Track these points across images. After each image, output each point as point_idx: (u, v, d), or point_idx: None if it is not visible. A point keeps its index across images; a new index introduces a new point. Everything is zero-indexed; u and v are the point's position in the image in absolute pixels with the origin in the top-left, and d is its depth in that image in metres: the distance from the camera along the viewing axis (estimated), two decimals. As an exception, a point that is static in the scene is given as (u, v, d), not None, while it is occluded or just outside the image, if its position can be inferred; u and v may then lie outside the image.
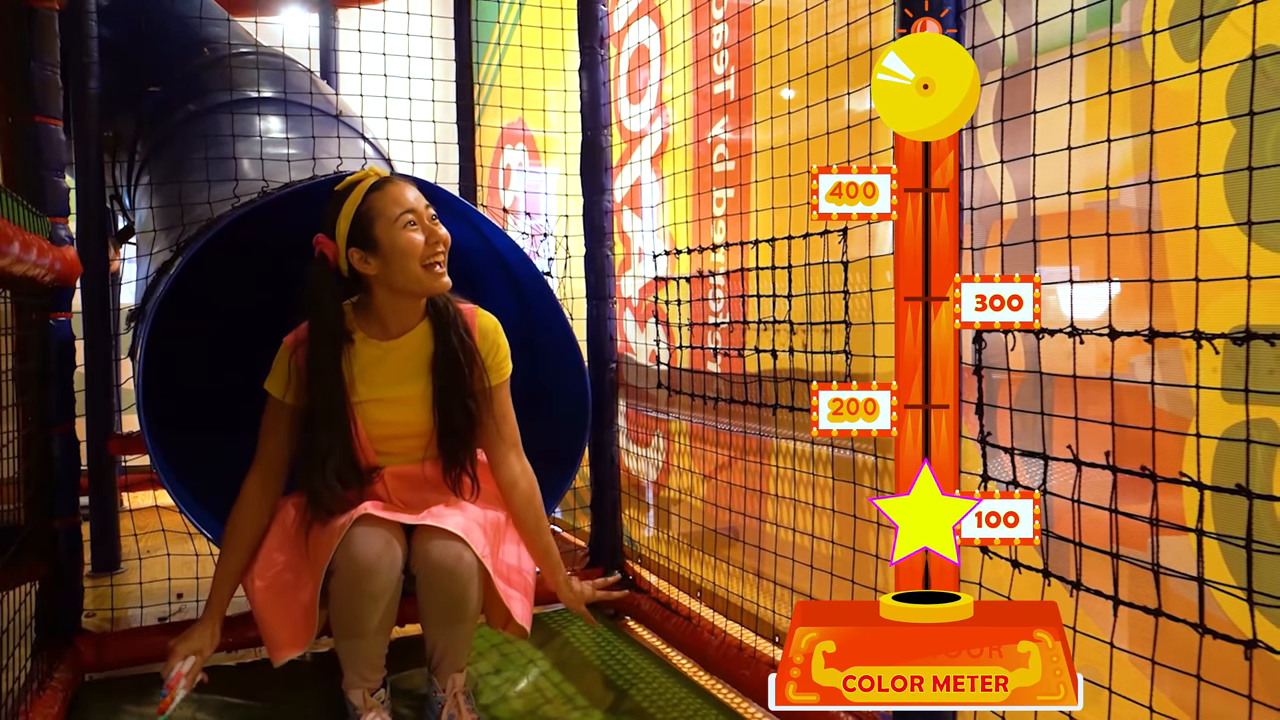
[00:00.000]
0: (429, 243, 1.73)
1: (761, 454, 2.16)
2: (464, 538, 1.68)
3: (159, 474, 1.94)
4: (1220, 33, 1.21)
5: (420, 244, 1.73)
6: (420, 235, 1.73)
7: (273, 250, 2.46)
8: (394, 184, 1.77)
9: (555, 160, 3.29)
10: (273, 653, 1.70)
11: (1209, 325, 1.11)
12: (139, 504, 2.84)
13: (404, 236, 1.72)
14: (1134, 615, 1.21)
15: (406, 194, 1.75)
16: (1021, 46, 1.49)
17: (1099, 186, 1.23)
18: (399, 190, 1.75)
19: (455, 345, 1.81)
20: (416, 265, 1.73)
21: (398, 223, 1.72)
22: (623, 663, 2.11)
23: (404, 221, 1.72)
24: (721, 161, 2.40)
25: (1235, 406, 1.19)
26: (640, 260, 2.81)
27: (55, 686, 1.83)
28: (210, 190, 2.24)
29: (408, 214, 1.73)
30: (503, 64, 3.44)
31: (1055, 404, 1.38)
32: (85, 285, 2.56)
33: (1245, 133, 1.11)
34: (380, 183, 1.76)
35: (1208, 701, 1.11)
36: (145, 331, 2.00)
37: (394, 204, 1.73)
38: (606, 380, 2.54)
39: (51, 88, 2.01)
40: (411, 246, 1.72)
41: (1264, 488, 1.17)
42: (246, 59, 2.80)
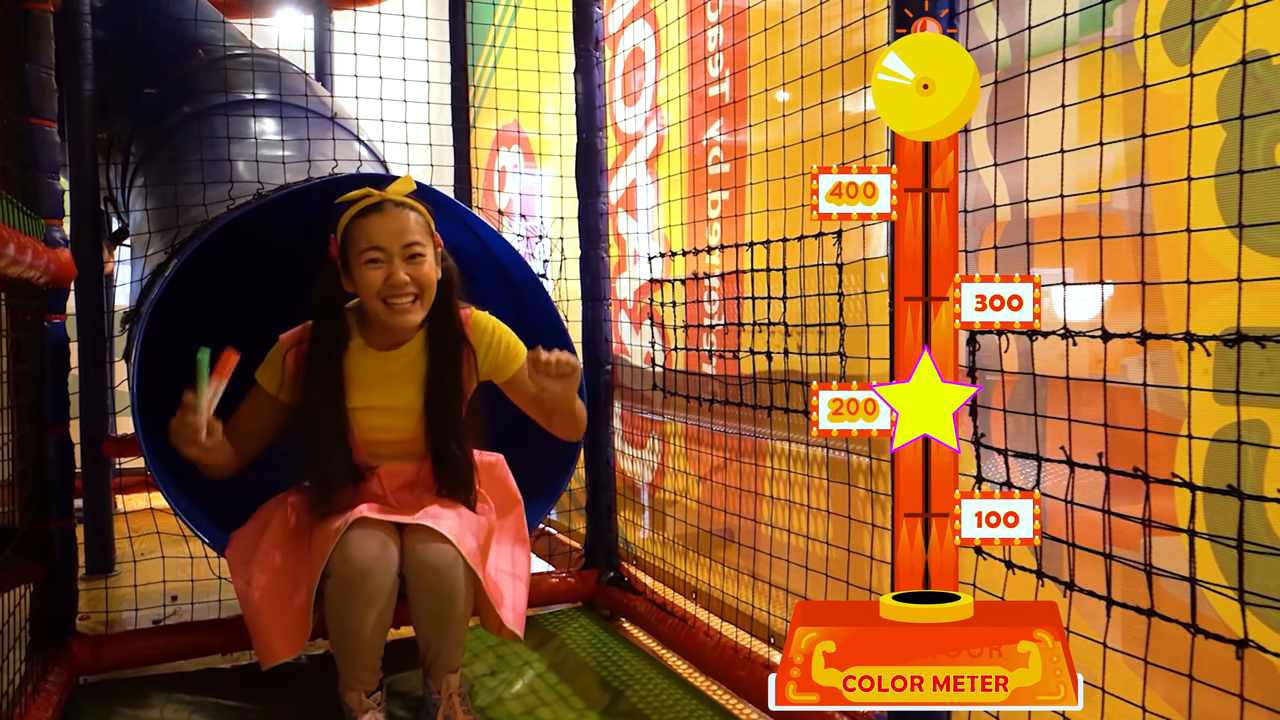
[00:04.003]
0: (387, 283, 1.72)
1: (756, 456, 2.16)
2: (452, 539, 1.68)
3: (154, 476, 1.94)
4: (1211, 37, 1.22)
5: (377, 282, 1.72)
6: (380, 274, 1.72)
7: (268, 252, 2.46)
8: (378, 214, 1.74)
9: (550, 162, 3.30)
10: (264, 657, 1.70)
11: (1200, 327, 1.12)
12: (133, 506, 2.83)
13: (363, 272, 1.73)
14: (1127, 615, 1.22)
15: (385, 227, 1.72)
16: (1015, 50, 1.50)
17: (1092, 189, 1.24)
18: (377, 223, 1.73)
19: (450, 357, 1.82)
20: (374, 300, 1.74)
21: (361, 257, 1.73)
22: (618, 664, 2.11)
23: (366, 258, 1.72)
24: (717, 164, 2.41)
25: (1226, 408, 1.20)
26: (635, 262, 2.81)
27: (49, 689, 1.82)
28: (205, 192, 2.23)
29: (373, 250, 1.72)
30: (498, 66, 3.44)
31: (1048, 405, 1.39)
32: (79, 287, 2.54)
33: (1236, 136, 1.12)
34: (367, 210, 1.75)
35: (1200, 701, 1.12)
36: (140, 333, 2.00)
37: (364, 238, 1.73)
38: (602, 382, 2.54)
39: (46, 89, 2.00)
40: (368, 284, 1.73)
41: (1255, 489, 1.18)
42: (241, 61, 2.79)
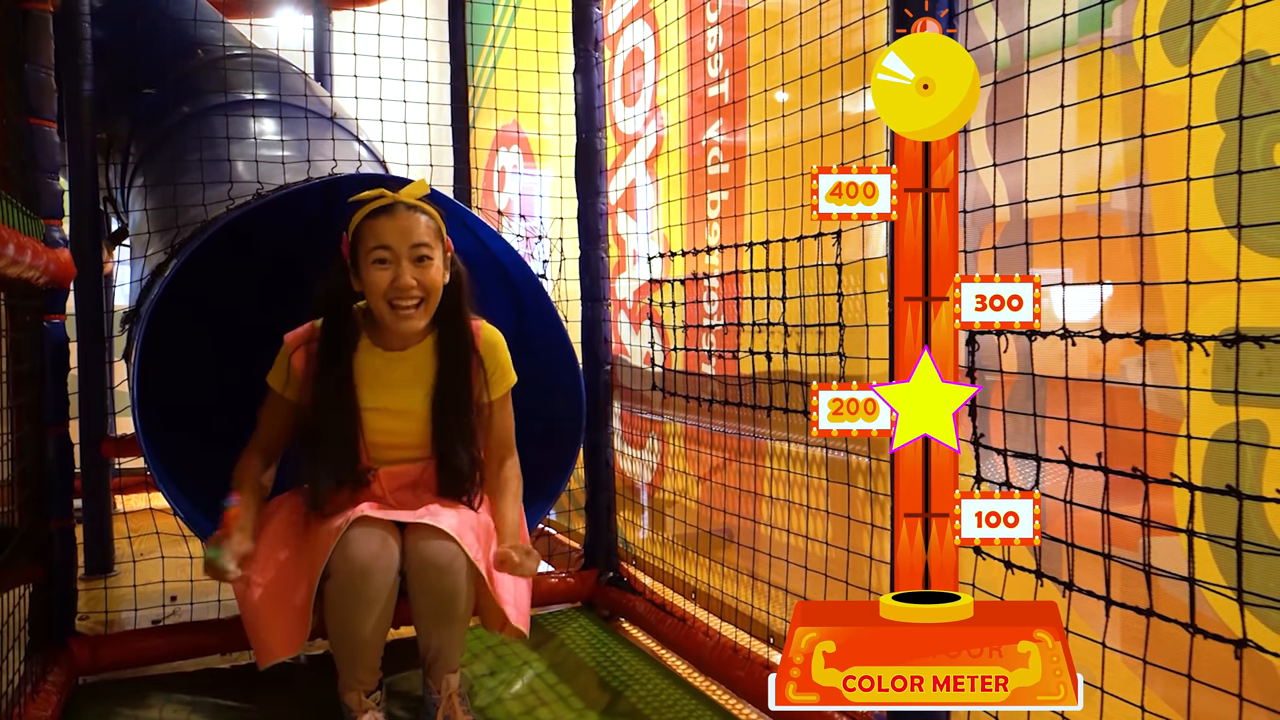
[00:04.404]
0: (393, 285, 1.73)
1: (756, 456, 2.16)
2: (456, 537, 1.68)
3: (154, 476, 1.94)
4: (1210, 38, 1.22)
5: (384, 283, 1.73)
6: (387, 275, 1.73)
7: (268, 252, 2.46)
8: (389, 216, 1.74)
9: (550, 162, 3.30)
10: (261, 656, 1.69)
11: (1199, 327, 1.12)
12: (133, 506, 2.83)
13: (371, 272, 1.74)
14: (1126, 615, 1.22)
15: (394, 227, 1.73)
16: (1014, 50, 1.50)
17: (1091, 190, 1.24)
18: (387, 224, 1.73)
19: (458, 362, 1.82)
20: (380, 302, 1.75)
21: (369, 256, 1.73)
22: (618, 664, 2.11)
23: (374, 256, 1.73)
24: (716, 164, 2.41)
25: (1225, 408, 1.20)
26: (635, 262, 2.82)
27: (49, 689, 1.82)
28: (205, 192, 2.23)
29: (380, 249, 1.73)
30: (497, 66, 3.44)
31: (1047, 405, 1.39)
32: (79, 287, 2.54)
33: (1234, 136, 1.12)
34: (378, 210, 1.76)
35: (1199, 701, 1.12)
36: (140, 334, 2.00)
37: (373, 237, 1.73)
38: (601, 382, 2.54)
39: (45, 89, 2.00)
40: (374, 284, 1.74)
41: (1253, 489, 1.18)
42: (241, 61, 2.79)
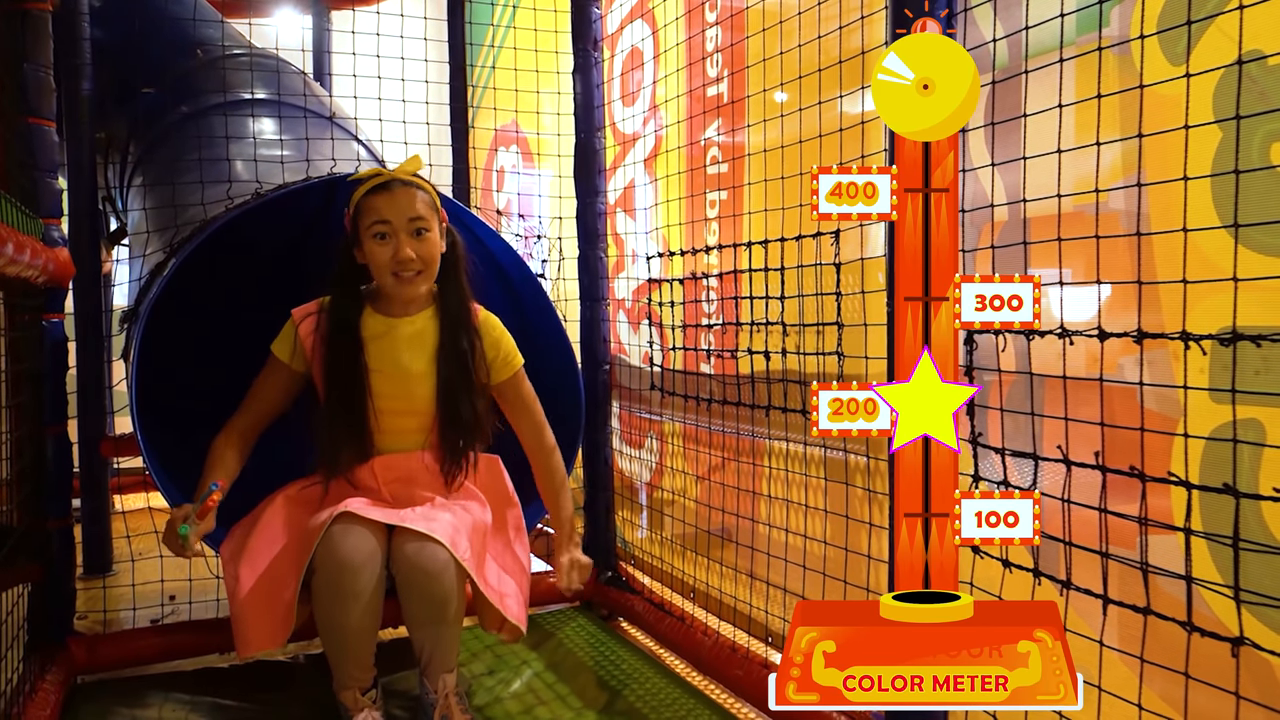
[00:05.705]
0: (394, 258, 1.79)
1: (754, 455, 2.16)
2: (442, 540, 1.69)
3: (153, 475, 1.94)
4: (1207, 38, 1.23)
5: (385, 257, 1.79)
6: (388, 249, 1.79)
7: (267, 252, 2.46)
8: (387, 191, 1.80)
9: (549, 162, 3.30)
10: (240, 648, 1.70)
11: (1196, 326, 1.13)
12: (131, 506, 2.83)
13: (372, 246, 1.80)
14: (1123, 614, 1.22)
15: (392, 202, 1.79)
16: (1012, 50, 1.51)
17: (1089, 189, 1.25)
18: (384, 199, 1.79)
19: (461, 338, 1.86)
20: (385, 274, 1.81)
21: (370, 230, 1.80)
22: (616, 664, 2.11)
23: (374, 231, 1.79)
24: (715, 164, 2.41)
25: (1222, 407, 1.21)
26: (634, 262, 2.82)
27: (47, 688, 1.82)
28: (204, 192, 2.24)
29: (379, 224, 1.79)
30: (496, 66, 3.44)
31: (1045, 405, 1.39)
32: (78, 286, 2.54)
33: (1232, 136, 1.12)
34: (376, 187, 1.81)
35: (1196, 699, 1.12)
36: (139, 333, 2.00)
37: (372, 213, 1.80)
38: (600, 381, 2.54)
39: (44, 89, 2.00)
40: (376, 256, 1.80)
41: (1250, 487, 1.18)
42: (240, 61, 2.79)
